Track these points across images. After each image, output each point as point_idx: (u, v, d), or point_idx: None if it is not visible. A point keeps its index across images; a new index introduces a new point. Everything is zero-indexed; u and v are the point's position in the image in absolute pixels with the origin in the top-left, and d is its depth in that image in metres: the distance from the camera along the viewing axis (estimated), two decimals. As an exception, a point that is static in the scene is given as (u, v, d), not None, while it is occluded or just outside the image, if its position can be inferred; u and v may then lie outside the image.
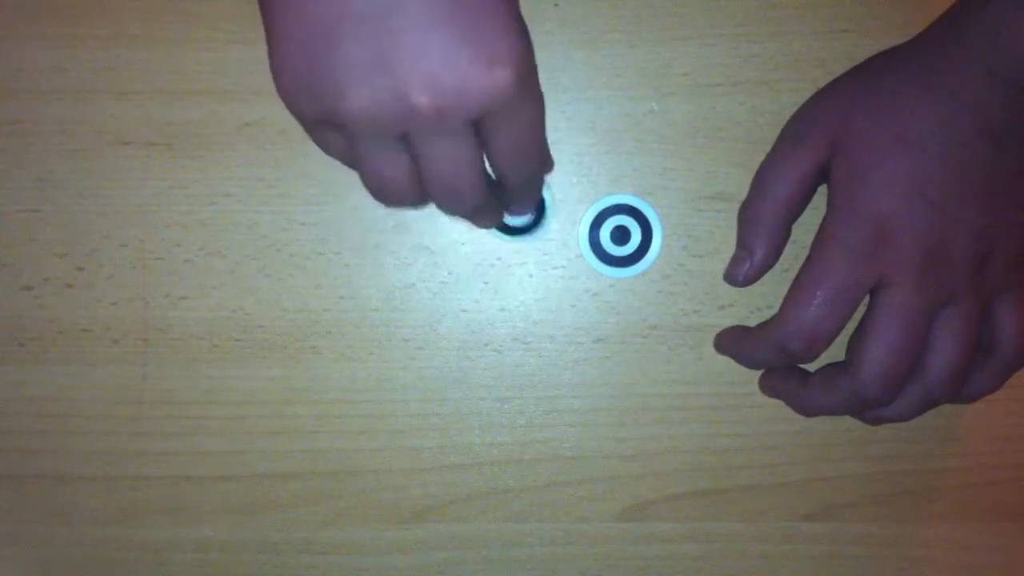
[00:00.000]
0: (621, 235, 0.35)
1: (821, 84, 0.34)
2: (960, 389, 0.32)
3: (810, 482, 0.36)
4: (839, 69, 0.34)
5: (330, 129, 0.28)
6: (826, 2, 0.34)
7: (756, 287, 0.35)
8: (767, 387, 0.35)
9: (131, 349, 0.35)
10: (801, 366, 0.34)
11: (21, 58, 0.35)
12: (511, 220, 0.35)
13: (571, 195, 0.35)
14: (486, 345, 0.35)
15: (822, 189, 0.33)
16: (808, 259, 0.32)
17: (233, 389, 0.36)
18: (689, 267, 0.35)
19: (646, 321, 0.35)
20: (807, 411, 0.34)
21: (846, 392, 0.32)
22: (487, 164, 0.29)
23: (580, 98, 0.35)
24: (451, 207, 0.29)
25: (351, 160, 0.29)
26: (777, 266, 0.34)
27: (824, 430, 0.36)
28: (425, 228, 0.35)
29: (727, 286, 0.35)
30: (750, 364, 0.34)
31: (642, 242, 0.35)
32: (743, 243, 0.34)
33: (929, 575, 0.36)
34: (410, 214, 0.35)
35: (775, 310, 0.35)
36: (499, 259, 0.35)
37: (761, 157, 0.34)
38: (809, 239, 0.32)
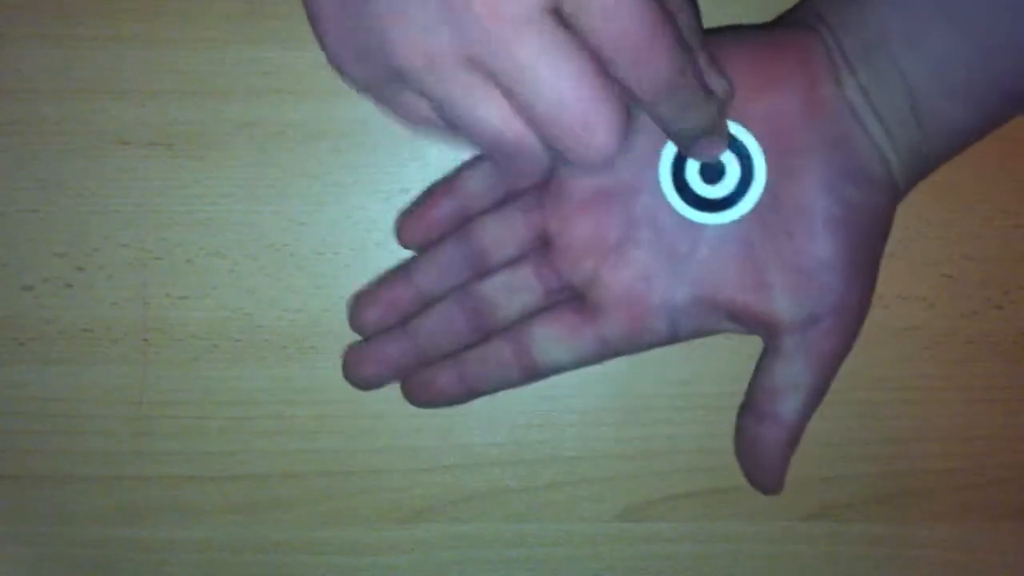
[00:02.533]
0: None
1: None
2: None
3: (810, 482, 0.36)
4: (839, 69, 0.34)
5: (402, 91, 0.24)
6: (826, 2, 0.34)
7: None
8: None
9: (131, 349, 0.35)
10: None
11: (21, 58, 0.35)
12: (702, 189, 0.30)
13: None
14: (486, 345, 0.35)
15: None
16: None
17: (233, 389, 0.36)
18: (689, 267, 0.35)
19: (646, 321, 0.35)
20: None
21: None
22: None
23: (580, 98, 0.35)
24: (581, 136, 0.23)
25: (441, 125, 0.25)
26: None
27: (824, 430, 0.36)
28: (425, 228, 0.35)
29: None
30: None
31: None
32: None
33: (929, 575, 0.36)
34: (410, 214, 0.35)
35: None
36: (499, 259, 0.35)
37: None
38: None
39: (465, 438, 0.36)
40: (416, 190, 0.35)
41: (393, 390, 0.35)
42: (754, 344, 0.36)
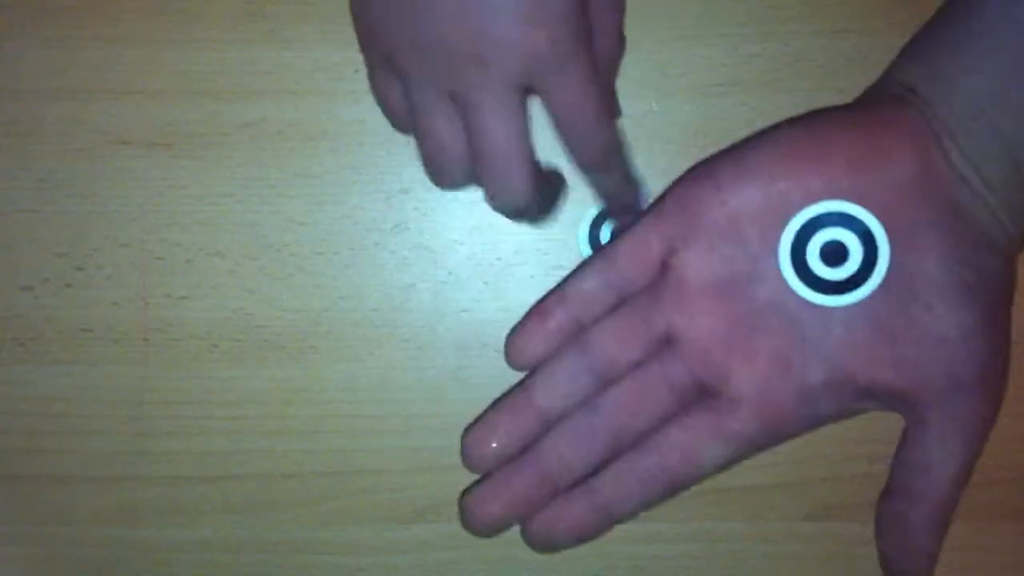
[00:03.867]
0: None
1: (821, 84, 0.34)
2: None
3: (810, 482, 0.36)
4: (839, 69, 0.34)
5: (391, 76, 0.30)
6: (826, 2, 0.34)
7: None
8: None
9: (131, 349, 0.35)
10: None
11: (21, 58, 0.35)
12: (825, 272, 0.30)
13: (571, 196, 0.35)
14: (486, 345, 0.35)
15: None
16: None
17: (233, 389, 0.36)
18: (689, 267, 0.35)
19: (646, 321, 0.35)
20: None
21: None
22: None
23: (580, 98, 0.35)
24: (500, 187, 0.29)
25: (406, 118, 0.30)
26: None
27: (824, 430, 0.36)
28: (425, 228, 0.35)
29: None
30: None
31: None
32: None
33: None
34: (410, 213, 0.35)
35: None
36: (499, 259, 0.35)
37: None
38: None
39: (465, 438, 0.36)
40: (416, 190, 0.35)
41: (390, 391, 0.35)
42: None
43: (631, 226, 0.32)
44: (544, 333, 0.32)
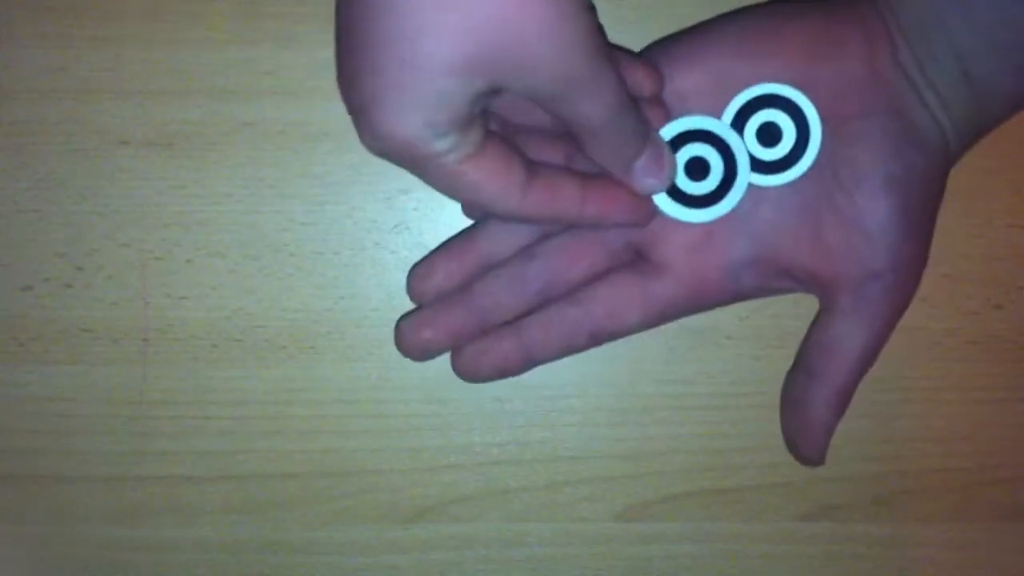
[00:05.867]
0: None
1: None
2: None
3: (810, 482, 0.36)
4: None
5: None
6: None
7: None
8: None
9: (131, 349, 0.35)
10: None
11: (21, 58, 0.35)
12: (760, 152, 0.31)
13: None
14: (486, 345, 0.35)
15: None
16: None
17: (233, 389, 0.36)
18: (689, 267, 0.35)
19: (646, 321, 0.35)
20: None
21: None
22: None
23: (580, 98, 0.35)
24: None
25: None
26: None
27: (824, 430, 0.36)
28: (425, 228, 0.35)
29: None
30: None
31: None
32: None
33: (929, 575, 0.36)
34: (410, 213, 0.35)
35: (774, 310, 0.35)
36: (499, 259, 0.35)
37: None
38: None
39: (465, 438, 0.36)
40: (416, 190, 0.35)
41: (390, 391, 0.36)
42: (754, 345, 0.36)
43: None
44: None
